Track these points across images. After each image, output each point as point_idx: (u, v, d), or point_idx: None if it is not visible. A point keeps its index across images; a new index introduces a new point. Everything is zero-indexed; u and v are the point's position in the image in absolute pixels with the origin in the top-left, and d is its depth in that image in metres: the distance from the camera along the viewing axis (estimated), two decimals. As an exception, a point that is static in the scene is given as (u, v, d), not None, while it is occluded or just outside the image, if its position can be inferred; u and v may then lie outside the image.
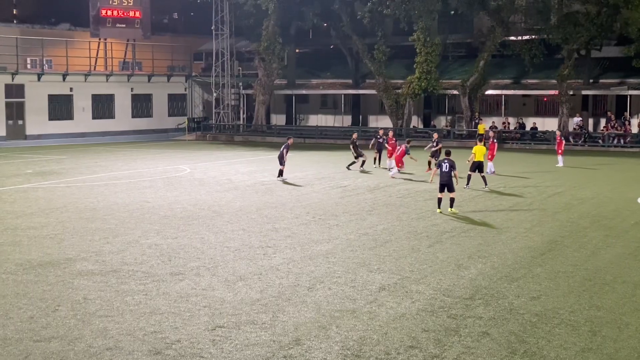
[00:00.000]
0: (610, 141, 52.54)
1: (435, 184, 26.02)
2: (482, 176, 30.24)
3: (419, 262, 17.19)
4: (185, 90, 71.05)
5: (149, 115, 68.54)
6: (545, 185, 31.00)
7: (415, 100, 60.33)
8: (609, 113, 56.23)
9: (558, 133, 41.63)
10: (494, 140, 37.52)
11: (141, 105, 67.96)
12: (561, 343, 11.75)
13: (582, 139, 54.22)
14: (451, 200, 24.08)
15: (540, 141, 55.07)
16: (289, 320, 12.90)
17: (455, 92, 59.39)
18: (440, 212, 23.84)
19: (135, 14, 64.63)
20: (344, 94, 66.66)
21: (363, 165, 37.10)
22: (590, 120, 58.58)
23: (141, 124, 67.25)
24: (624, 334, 12.22)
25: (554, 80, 55.56)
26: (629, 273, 16.22)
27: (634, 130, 54.50)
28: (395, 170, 34.19)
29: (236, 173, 36.27)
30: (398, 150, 34.34)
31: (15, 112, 59.38)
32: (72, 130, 61.89)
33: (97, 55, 65.29)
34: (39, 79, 60.08)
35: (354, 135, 38.43)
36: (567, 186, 30.88)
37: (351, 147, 37.60)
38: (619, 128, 53.75)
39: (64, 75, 61.53)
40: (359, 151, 37.20)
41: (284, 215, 23.77)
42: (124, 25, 64.32)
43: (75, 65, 62.52)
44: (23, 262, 17.22)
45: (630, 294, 14.59)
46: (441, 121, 63.69)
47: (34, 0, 76.18)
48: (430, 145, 36.50)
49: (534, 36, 57.85)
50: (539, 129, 57.09)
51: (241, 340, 11.86)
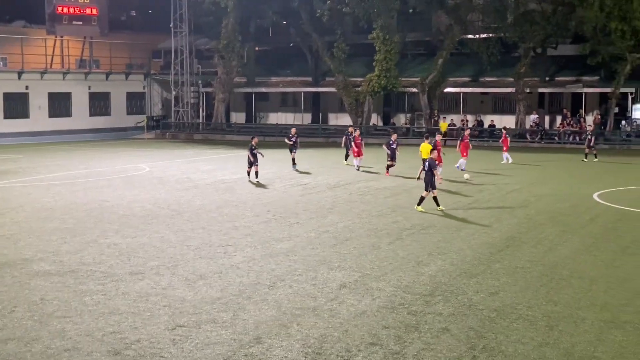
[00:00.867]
0: (566, 138, 53.26)
1: (391, 181, 26.16)
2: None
3: (380, 260, 17.27)
4: (143, 88, 70.48)
5: (107, 113, 67.85)
6: (503, 182, 31.31)
7: (374, 98, 60.55)
8: (564, 110, 57.02)
9: (504, 130, 42.17)
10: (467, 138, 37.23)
11: (99, 103, 67.25)
12: (519, 338, 11.89)
13: (539, 136, 54.89)
14: (421, 198, 24.07)
15: (498, 138, 55.55)
16: (249, 318, 12.88)
17: (414, 90, 59.70)
18: (442, 210, 23.80)
19: (92, 11, 63.91)
20: (304, 92, 66.63)
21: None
22: (547, 118, 59.36)
23: (99, 122, 66.54)
24: (580, 328, 12.39)
25: (511, 78, 56.16)
26: (585, 268, 16.46)
27: (589, 127, 55.24)
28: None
29: (196, 171, 36.09)
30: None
31: (-30, 111, 58.48)
32: (28, 129, 61.00)
33: (54, 53, 64.50)
34: (-7, 77, 59.25)
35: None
36: (525, 183, 31.23)
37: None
38: (574, 125, 54.52)
39: (20, 73, 60.68)
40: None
41: (244, 214, 23.71)
42: (81, 23, 63.56)
43: (31, 63, 61.69)
44: (-21, 263, 16.97)
45: (587, 289, 14.80)
46: (400, 119, 64.00)
47: (-12, -3, 74.96)
48: (387, 143, 35.20)
49: (491, 34, 58.41)
50: (497, 126, 57.63)
51: (202, 340, 11.82)
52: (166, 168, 37.84)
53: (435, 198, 24.01)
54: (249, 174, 32.24)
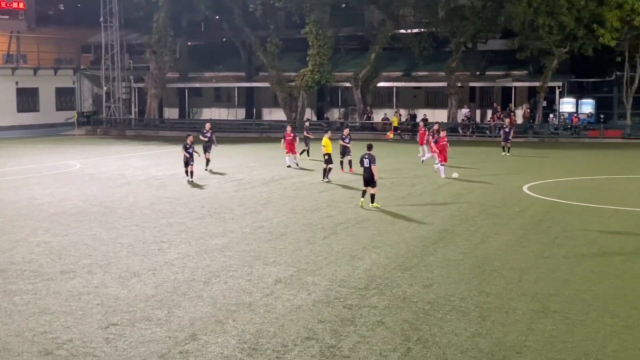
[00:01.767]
0: (497, 131, 54.14)
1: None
2: (330, 168, 30.29)
3: (315, 254, 17.32)
4: (73, 83, 69.29)
5: (36, 109, 66.50)
6: (435, 176, 31.66)
7: (308, 92, 60.64)
8: (495, 104, 57.98)
9: (421, 124, 42.51)
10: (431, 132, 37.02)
11: (27, 99, 65.86)
12: (453, 329, 12.06)
13: (470, 129, 55.70)
14: (371, 196, 23.51)
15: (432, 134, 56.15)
16: (184, 315, 12.79)
17: (348, 85, 59.99)
18: (362, 207, 23.50)
19: (18, 5, 62.55)
20: (238, 87, 66.34)
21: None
22: (478, 112, 60.28)
23: (27, 118, 65.18)
24: (512, 318, 12.63)
25: (443, 73, 56.86)
26: (516, 259, 16.78)
27: (519, 120, 56.33)
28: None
29: (129, 168, 35.65)
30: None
31: None
32: (-47, 125, 59.51)
33: (-21, 48, 63.00)
34: None
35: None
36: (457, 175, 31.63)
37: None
38: (504, 119, 55.43)
39: (-57, 69, 59.13)
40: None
41: (178, 210, 23.52)
42: (7, 17, 62.16)
43: (-45, 58, 60.16)
44: None
45: (517, 279, 15.09)
46: (334, 113, 64.23)
47: None
48: (342, 138, 33.62)
49: (423, 29, 59.04)
50: (429, 120, 58.23)
51: (136, 338, 11.69)
52: (98, 165, 37.28)
53: (371, 195, 23.67)
54: (187, 173, 30.64)
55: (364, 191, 23.87)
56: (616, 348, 11.25)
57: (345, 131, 34.29)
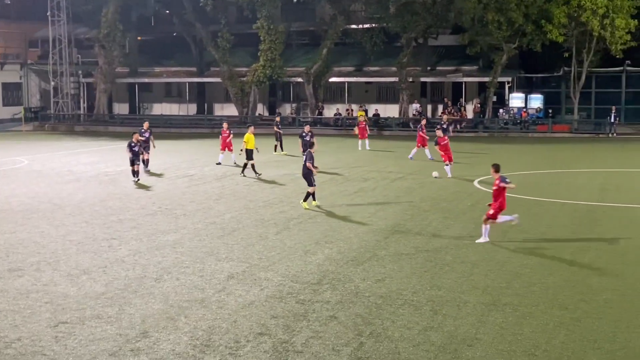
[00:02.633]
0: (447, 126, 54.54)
1: (277, 171, 26.11)
2: (252, 164, 30.46)
3: (267, 250, 17.28)
4: (20, 78, 68.07)
5: (-18, 105, 65.30)
6: (387, 171, 31.83)
7: (260, 87, 60.50)
8: (445, 99, 58.48)
9: (360, 118, 43.11)
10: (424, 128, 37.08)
11: (-28, 94, 64.64)
12: (405, 323, 12.14)
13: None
14: (308, 194, 22.89)
15: (382, 127, 56.48)
16: (136, 312, 12.67)
17: (299, 80, 59.98)
18: (317, 205, 22.86)
19: (-36, -2, 61.28)
20: (189, 82, 65.90)
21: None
22: (429, 107, 60.71)
23: (-27, 114, 64.00)
24: (463, 311, 12.75)
25: (394, 68, 57.15)
26: (467, 253, 16.94)
27: (469, 115, 56.90)
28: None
29: (78, 164, 35.18)
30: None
31: None
32: None
33: None
34: None
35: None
36: (409, 171, 31.85)
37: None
38: (455, 114, 55.95)
39: None
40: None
41: (129, 206, 23.28)
42: (-48, 11, 60.87)
43: None
44: None
45: (469, 273, 15.24)
46: (286, 109, 64.13)
47: None
48: (300, 135, 33.46)
49: (374, 25, 59.28)
50: (381, 115, 58.54)
51: (86, 336, 11.55)
52: (46, 161, 36.72)
53: (313, 194, 23.05)
54: (133, 173, 29.07)
55: (311, 193, 23.13)
56: (564, 339, 11.42)
57: (306, 128, 34.08)
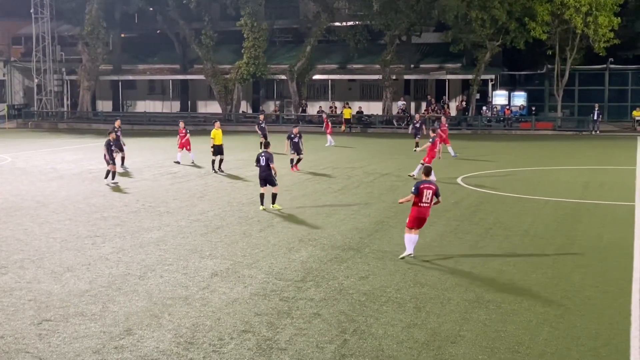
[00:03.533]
0: (431, 124, 54.71)
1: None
2: (220, 160, 30.88)
3: (251, 247, 17.29)
4: (3, 76, 67.78)
5: (-36, 102, 64.93)
6: (371, 168, 31.89)
7: (243, 85, 60.48)
8: (429, 97, 58.65)
9: (324, 115, 43.79)
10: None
11: (-46, 91, 64.26)
12: (388, 320, 12.18)
13: (405, 122, 56.17)
14: (273, 195, 22.11)
15: (366, 125, 56.60)
16: (119, 310, 12.65)
17: (283, 77, 60.00)
18: (264, 209, 21.97)
19: (-55, -6, 60.89)
20: (172, 80, 65.78)
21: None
22: (413, 104, 60.86)
23: (-45, 111, 63.61)
24: (446, 308, 12.81)
25: (378, 65, 57.25)
26: (450, 250, 17.01)
27: (453, 113, 57.09)
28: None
29: (61, 161, 35.04)
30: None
31: None
32: None
33: None
34: None
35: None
36: (392, 168, 31.94)
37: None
38: (438, 111, 56.13)
39: None
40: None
41: (112, 204, 23.21)
42: None
43: None
44: None
45: (452, 270, 15.30)
46: (270, 106, 64.13)
47: None
48: (289, 137, 31.81)
49: (358, 22, 59.43)
50: (365, 113, 58.65)
51: (69, 333, 11.52)
52: (29, 158, 36.55)
53: (261, 195, 22.26)
54: (107, 174, 27.84)
55: (261, 195, 22.18)
56: (548, 336, 11.50)
57: (295, 130, 31.98)
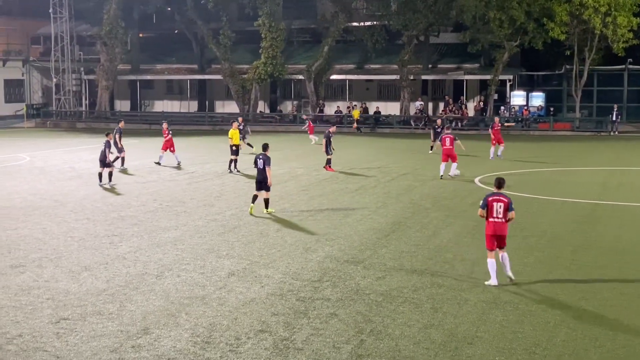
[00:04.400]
0: (449, 124, 54.57)
1: (278, 167, 26.11)
2: (234, 160, 30.85)
3: (268, 247, 17.30)
4: (23, 75, 68.11)
5: (-16, 102, 65.32)
6: (388, 168, 31.84)
7: (261, 85, 60.51)
8: (446, 97, 58.48)
9: (304, 116, 44.19)
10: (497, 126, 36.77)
11: (-26, 91, 64.67)
12: (405, 321, 12.15)
13: (423, 122, 56.06)
14: (265, 201, 21.41)
15: (383, 125, 56.51)
16: (137, 309, 12.69)
17: (300, 77, 59.99)
18: (252, 214, 21.17)
19: (-35, -5, 61.29)
20: (190, 80, 65.91)
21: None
22: (430, 104, 60.70)
23: (-25, 111, 64.03)
24: (464, 309, 12.77)
25: (396, 65, 57.13)
26: (468, 251, 16.95)
27: (471, 113, 56.90)
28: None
29: (79, 161, 35.19)
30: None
31: None
32: None
33: None
34: None
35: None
36: (410, 168, 31.87)
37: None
38: (456, 111, 55.96)
39: None
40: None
41: (130, 203, 23.29)
42: (-46, 8, 60.87)
43: None
44: None
45: (469, 271, 15.25)
46: (287, 106, 64.15)
47: None
48: (327, 136, 31.18)
49: (375, 22, 59.32)
50: (382, 113, 58.58)
51: (87, 332, 11.57)
52: (48, 158, 36.73)
53: (254, 197, 21.63)
54: (99, 176, 27.37)
55: (254, 196, 21.62)
56: (565, 338, 11.44)
57: (332, 129, 32.42)
